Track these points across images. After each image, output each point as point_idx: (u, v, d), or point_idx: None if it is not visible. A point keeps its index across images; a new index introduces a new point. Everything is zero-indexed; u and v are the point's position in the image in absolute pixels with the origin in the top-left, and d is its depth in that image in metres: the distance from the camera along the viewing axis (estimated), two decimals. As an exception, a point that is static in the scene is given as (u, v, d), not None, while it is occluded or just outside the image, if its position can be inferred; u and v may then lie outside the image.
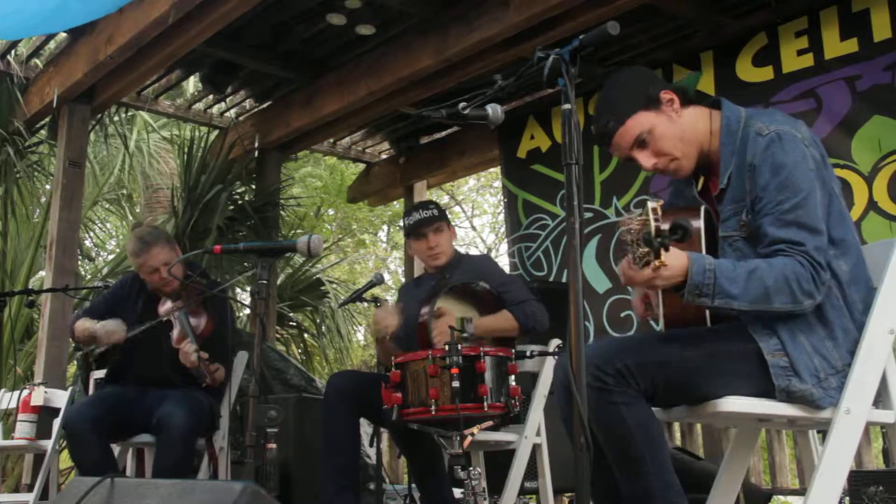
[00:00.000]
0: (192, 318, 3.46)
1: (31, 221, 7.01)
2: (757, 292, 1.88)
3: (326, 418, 3.23)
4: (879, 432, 4.87)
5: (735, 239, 2.02)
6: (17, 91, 5.70)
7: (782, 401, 1.93)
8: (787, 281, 1.87)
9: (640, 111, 2.08)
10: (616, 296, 5.26)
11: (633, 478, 1.93)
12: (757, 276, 1.87)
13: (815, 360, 1.93)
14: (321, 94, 5.75)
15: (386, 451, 6.18)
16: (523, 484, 3.48)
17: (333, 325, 7.79)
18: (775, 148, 1.95)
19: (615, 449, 1.95)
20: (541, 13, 4.34)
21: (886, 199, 4.19)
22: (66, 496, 2.18)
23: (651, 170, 2.13)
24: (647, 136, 2.09)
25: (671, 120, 2.10)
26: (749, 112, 2.11)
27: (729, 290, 1.87)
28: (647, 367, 1.94)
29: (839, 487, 1.92)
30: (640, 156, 2.11)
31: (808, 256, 1.89)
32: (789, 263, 1.89)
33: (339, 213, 14.45)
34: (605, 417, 1.91)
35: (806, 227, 1.91)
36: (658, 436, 1.96)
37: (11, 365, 6.17)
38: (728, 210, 2.04)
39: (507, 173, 6.19)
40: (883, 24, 4.27)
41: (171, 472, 3.16)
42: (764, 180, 1.95)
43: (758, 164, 1.97)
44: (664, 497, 1.91)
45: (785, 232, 1.91)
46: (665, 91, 2.11)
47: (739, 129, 2.06)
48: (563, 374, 2.10)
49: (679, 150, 2.10)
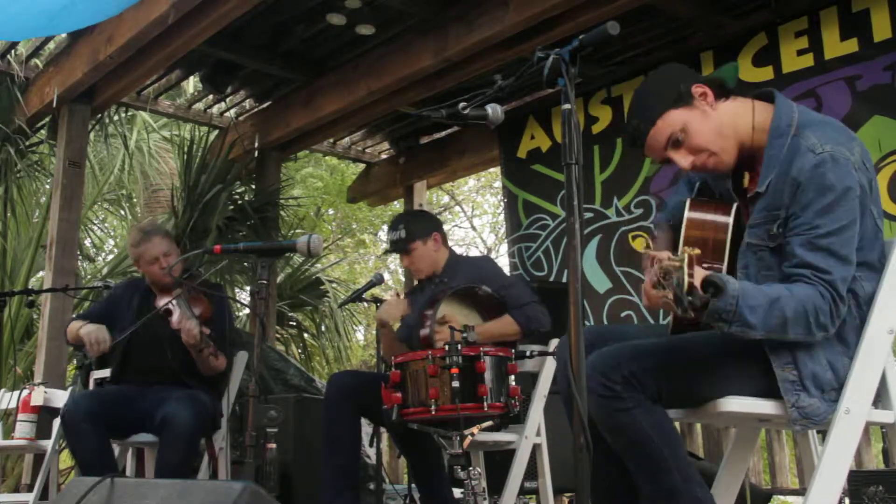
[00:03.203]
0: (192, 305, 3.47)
1: (31, 221, 7.01)
2: (775, 322, 1.83)
3: (326, 418, 3.24)
4: (879, 432, 4.87)
5: (761, 248, 1.96)
6: (17, 91, 5.69)
7: (794, 415, 1.91)
8: (806, 314, 1.84)
9: (671, 110, 2.00)
10: (616, 296, 5.26)
11: (656, 477, 1.92)
12: (778, 307, 1.82)
13: (828, 374, 1.92)
14: (321, 94, 5.75)
15: (386, 451, 6.18)
16: (523, 484, 3.48)
17: (333, 325, 7.80)
18: (825, 170, 1.87)
19: (634, 452, 1.94)
20: (541, 13, 4.34)
21: (887, 199, 4.18)
22: (65, 496, 2.19)
23: (689, 169, 2.04)
24: (680, 135, 2.00)
25: (705, 114, 2.01)
26: (803, 115, 2.01)
27: (749, 319, 1.81)
28: (653, 372, 1.93)
29: (839, 487, 1.92)
30: (677, 156, 2.03)
31: (832, 288, 1.85)
32: (811, 295, 1.84)
33: (339, 213, 14.45)
34: (618, 424, 1.91)
35: (836, 256, 1.86)
36: (673, 433, 1.96)
37: (11, 365, 6.17)
38: (758, 217, 1.96)
39: (507, 173, 6.18)
40: (883, 24, 4.27)
41: (174, 470, 3.16)
42: (806, 199, 1.87)
43: (803, 182, 1.88)
44: (688, 490, 1.91)
45: (813, 257, 1.86)
46: (697, 85, 2.02)
47: (789, 136, 1.96)
48: (562, 367, 2.10)
49: (716, 145, 2.01)
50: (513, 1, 4.41)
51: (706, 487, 1.95)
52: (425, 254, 3.40)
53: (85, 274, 7.94)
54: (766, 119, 2.03)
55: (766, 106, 2.06)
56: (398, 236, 3.39)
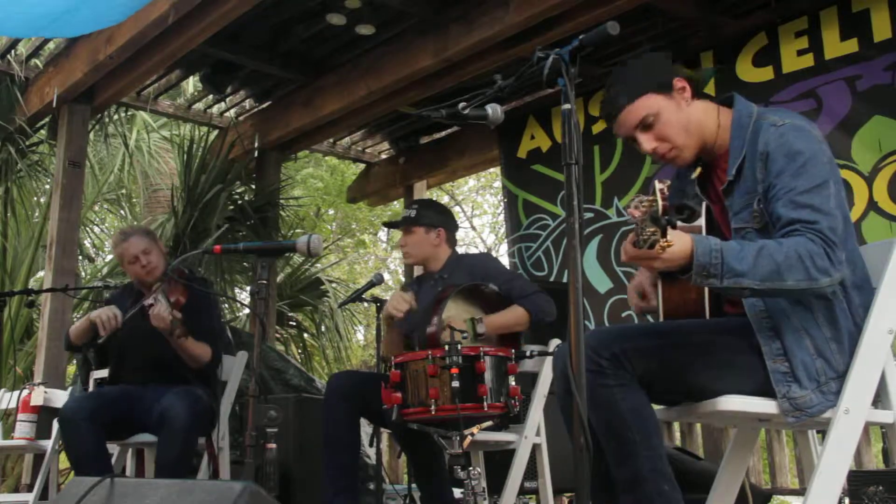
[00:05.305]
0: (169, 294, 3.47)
1: (31, 221, 7.00)
2: (767, 269, 1.82)
3: (326, 419, 3.24)
4: (879, 432, 4.87)
5: (747, 231, 2.00)
6: (17, 91, 5.70)
7: (785, 406, 1.91)
8: (800, 257, 1.83)
9: (651, 93, 2.08)
10: (617, 296, 5.26)
11: (624, 461, 1.91)
12: (766, 254, 1.83)
13: (818, 363, 1.92)
14: (321, 94, 5.75)
15: (386, 451, 6.18)
16: (523, 484, 3.48)
17: (333, 325, 7.80)
18: (792, 137, 1.94)
19: (607, 432, 1.93)
20: (541, 13, 4.35)
21: (886, 199, 4.19)
22: (65, 496, 2.18)
23: (649, 153, 2.12)
24: (652, 119, 2.08)
25: (679, 108, 2.09)
26: (762, 109, 2.10)
27: (737, 267, 1.81)
28: (643, 352, 1.94)
29: (839, 487, 1.92)
30: (642, 137, 2.11)
31: (821, 234, 1.86)
32: (801, 241, 1.85)
33: (339, 213, 14.46)
34: (598, 400, 1.89)
35: (818, 210, 1.88)
36: (651, 422, 1.94)
37: (11, 365, 6.17)
38: (740, 202, 2.02)
39: (507, 173, 6.18)
40: (883, 24, 4.27)
41: (173, 465, 3.16)
42: (778, 167, 1.93)
43: (771, 150, 1.95)
44: (654, 483, 1.89)
45: (798, 213, 1.89)
46: (679, 79, 2.11)
47: (751, 124, 2.04)
48: (561, 364, 2.10)
49: (681, 139, 2.09)
50: (513, 1, 4.41)
51: (677, 487, 1.92)
52: (422, 242, 3.43)
53: (85, 274, 7.94)
54: (727, 119, 2.12)
55: (727, 110, 2.15)
56: (407, 214, 3.47)
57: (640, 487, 1.89)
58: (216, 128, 6.77)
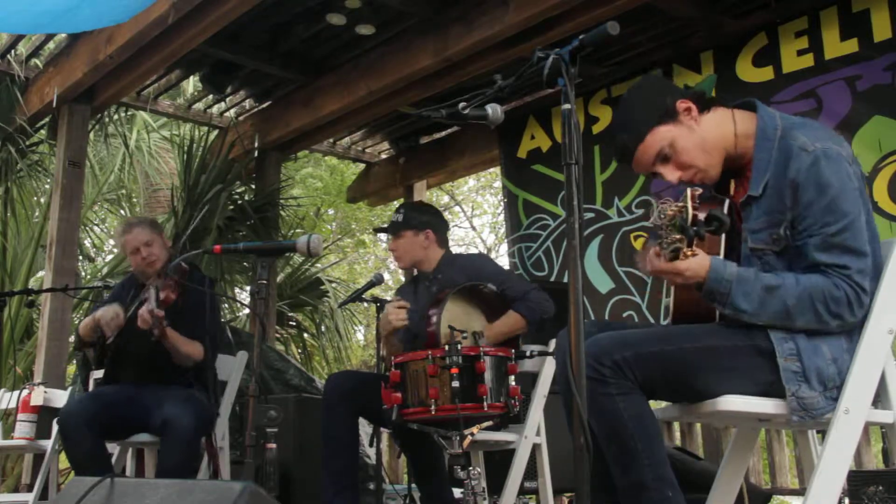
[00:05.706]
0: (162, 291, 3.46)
1: (31, 221, 7.00)
2: (775, 309, 1.89)
3: (326, 419, 3.24)
4: (879, 432, 4.87)
5: (766, 253, 1.98)
6: (17, 91, 5.70)
7: (793, 405, 1.92)
8: (813, 301, 1.87)
9: (658, 126, 2.05)
10: (619, 296, 5.26)
11: (627, 469, 1.92)
12: (778, 294, 1.88)
13: (832, 369, 1.92)
14: (321, 94, 5.75)
15: (386, 451, 6.18)
16: (523, 484, 3.48)
17: (333, 325, 7.80)
18: (821, 166, 1.91)
19: (610, 441, 1.94)
20: (540, 13, 4.34)
21: (887, 199, 4.19)
22: (65, 496, 2.18)
23: (676, 183, 2.08)
24: (668, 150, 2.05)
25: (691, 130, 2.05)
26: (786, 120, 2.04)
27: (740, 305, 1.89)
28: (645, 359, 1.93)
29: (838, 487, 1.92)
30: (664, 170, 2.08)
31: (852, 281, 1.88)
32: (821, 283, 1.88)
33: (338, 213, 14.46)
34: (600, 408, 1.90)
35: (851, 251, 1.89)
36: (653, 429, 1.94)
37: (11, 365, 6.17)
38: (758, 221, 1.99)
39: (507, 173, 6.18)
40: (883, 24, 4.27)
41: (176, 472, 3.15)
42: (808, 198, 1.91)
43: (801, 181, 1.92)
44: (658, 490, 1.89)
45: (828, 256, 1.89)
46: (681, 101, 2.07)
47: (777, 138, 2.00)
48: (562, 360, 2.10)
49: (702, 161, 2.06)
50: (513, 1, 4.41)
51: (680, 492, 1.92)
52: (412, 245, 3.44)
53: (85, 274, 7.94)
54: (748, 126, 2.08)
55: (747, 114, 2.11)
56: (395, 219, 3.49)
57: (644, 495, 1.90)
58: (216, 128, 6.76)
